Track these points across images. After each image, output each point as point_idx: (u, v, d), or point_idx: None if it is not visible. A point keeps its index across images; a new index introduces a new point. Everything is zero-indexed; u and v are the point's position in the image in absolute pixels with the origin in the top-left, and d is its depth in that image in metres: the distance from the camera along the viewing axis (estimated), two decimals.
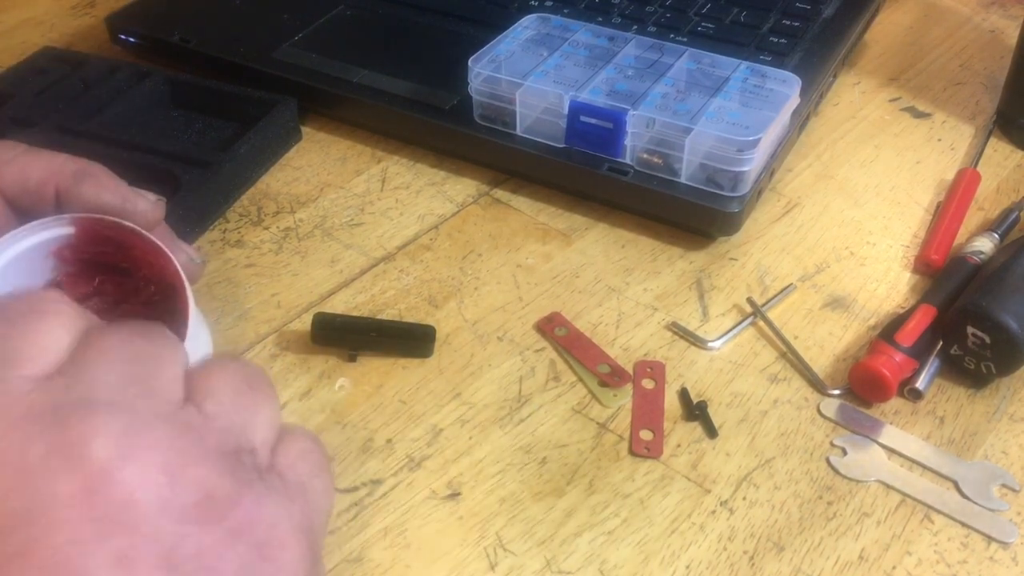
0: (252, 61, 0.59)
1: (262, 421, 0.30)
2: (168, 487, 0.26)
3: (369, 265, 0.50)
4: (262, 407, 0.30)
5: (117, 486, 0.25)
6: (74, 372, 0.27)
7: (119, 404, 0.26)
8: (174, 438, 0.27)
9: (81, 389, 0.27)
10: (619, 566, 0.37)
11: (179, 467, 0.26)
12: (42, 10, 0.72)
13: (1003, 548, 0.38)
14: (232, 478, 0.27)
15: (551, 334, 0.46)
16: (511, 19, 0.58)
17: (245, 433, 0.29)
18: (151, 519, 0.25)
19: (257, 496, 0.27)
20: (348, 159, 0.57)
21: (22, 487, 0.25)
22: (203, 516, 0.26)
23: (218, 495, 0.26)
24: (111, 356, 0.28)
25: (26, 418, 0.26)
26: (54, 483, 0.25)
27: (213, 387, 0.29)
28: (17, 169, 0.37)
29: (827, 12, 0.63)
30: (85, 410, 0.26)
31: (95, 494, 0.25)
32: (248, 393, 0.30)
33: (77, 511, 0.24)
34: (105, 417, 0.26)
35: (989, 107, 0.61)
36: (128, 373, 0.28)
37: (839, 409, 0.43)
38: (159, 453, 0.26)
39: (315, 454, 0.31)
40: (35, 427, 0.26)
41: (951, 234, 0.51)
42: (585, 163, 0.51)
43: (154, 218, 0.39)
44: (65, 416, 0.26)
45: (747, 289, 0.49)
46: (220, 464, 0.27)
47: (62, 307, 0.29)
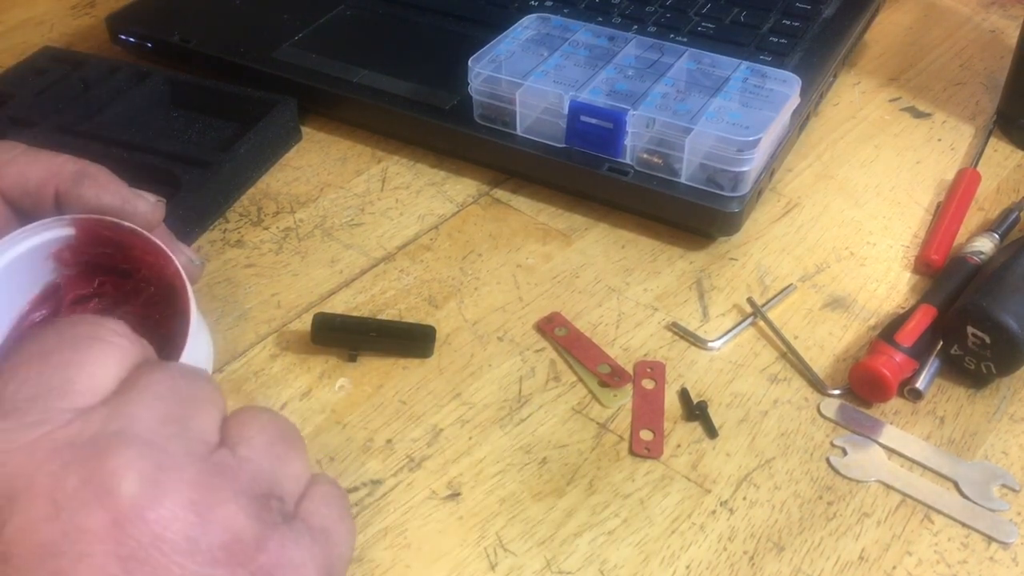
0: (252, 61, 0.59)
1: (291, 472, 0.30)
2: (197, 527, 0.26)
3: (369, 265, 0.50)
4: (293, 460, 0.30)
5: (146, 523, 0.25)
6: (116, 406, 0.27)
7: (154, 442, 0.27)
8: (205, 478, 0.27)
9: (120, 424, 0.27)
10: (619, 566, 0.37)
11: (208, 507, 0.26)
12: (42, 10, 0.72)
13: (1003, 548, 0.38)
14: (259, 521, 0.27)
15: (551, 334, 0.46)
16: (511, 19, 0.58)
17: (275, 480, 0.29)
18: (178, 558, 0.25)
19: (282, 539, 0.27)
20: (348, 159, 0.57)
21: (54, 518, 0.25)
22: (230, 558, 0.26)
23: (245, 537, 0.26)
24: (153, 393, 0.28)
25: (63, 450, 0.26)
26: (85, 517, 0.25)
27: (248, 435, 0.30)
28: (17, 170, 0.37)
29: (827, 12, 0.63)
30: (120, 445, 0.26)
31: (124, 530, 0.25)
32: (281, 444, 0.30)
33: (105, 546, 0.25)
34: (139, 452, 0.26)
35: (989, 107, 0.61)
36: (167, 412, 0.28)
37: (839, 409, 0.43)
38: (189, 492, 0.26)
39: (338, 499, 0.31)
40: (70, 459, 0.26)
41: (951, 234, 0.51)
42: (585, 163, 0.51)
43: (154, 219, 0.39)
44: (100, 449, 0.26)
45: (747, 289, 0.49)
46: (249, 507, 0.27)
47: (121, 340, 0.30)
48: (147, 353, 0.31)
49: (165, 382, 0.29)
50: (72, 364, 0.28)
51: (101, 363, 0.29)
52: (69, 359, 0.28)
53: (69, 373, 0.28)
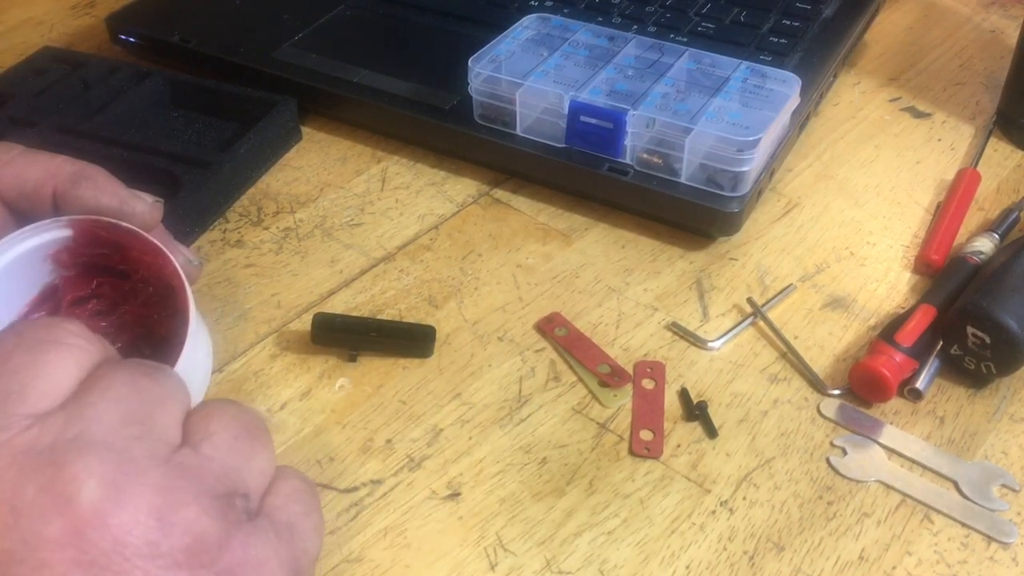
0: (252, 61, 0.59)
1: (256, 467, 0.30)
2: (158, 530, 0.26)
3: (369, 265, 0.50)
4: (258, 454, 0.30)
5: (106, 529, 0.25)
6: (75, 409, 0.27)
7: (114, 445, 0.27)
8: (167, 481, 0.27)
9: (78, 428, 0.27)
10: (619, 566, 0.37)
11: (169, 510, 0.26)
12: (42, 10, 0.72)
13: (1003, 548, 0.38)
14: (223, 521, 0.27)
15: (551, 334, 0.46)
16: (511, 19, 0.58)
17: (239, 477, 0.29)
18: (140, 563, 0.25)
19: (246, 538, 0.27)
20: (348, 159, 0.57)
21: (12, 527, 0.25)
22: (192, 560, 0.26)
23: (208, 539, 0.26)
24: (114, 395, 0.28)
25: (23, 456, 0.26)
26: (44, 524, 0.25)
27: (211, 431, 0.29)
28: (14, 172, 0.37)
29: (827, 12, 0.63)
30: (79, 450, 0.26)
31: (84, 537, 0.25)
32: (245, 439, 0.30)
33: (65, 553, 0.25)
34: (98, 458, 0.26)
35: (989, 107, 0.61)
36: (128, 413, 0.28)
37: (839, 409, 0.43)
38: (150, 496, 0.26)
39: (305, 494, 0.31)
40: (29, 466, 0.26)
41: (951, 234, 0.51)
42: (585, 163, 0.51)
43: (152, 219, 0.39)
44: (59, 455, 0.26)
45: (747, 289, 0.49)
46: (211, 507, 0.27)
47: (79, 340, 0.29)
48: (107, 352, 0.30)
49: (125, 382, 0.29)
50: (29, 368, 0.28)
51: (59, 366, 0.28)
52: (26, 362, 0.28)
53: (26, 378, 0.28)
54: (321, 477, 0.40)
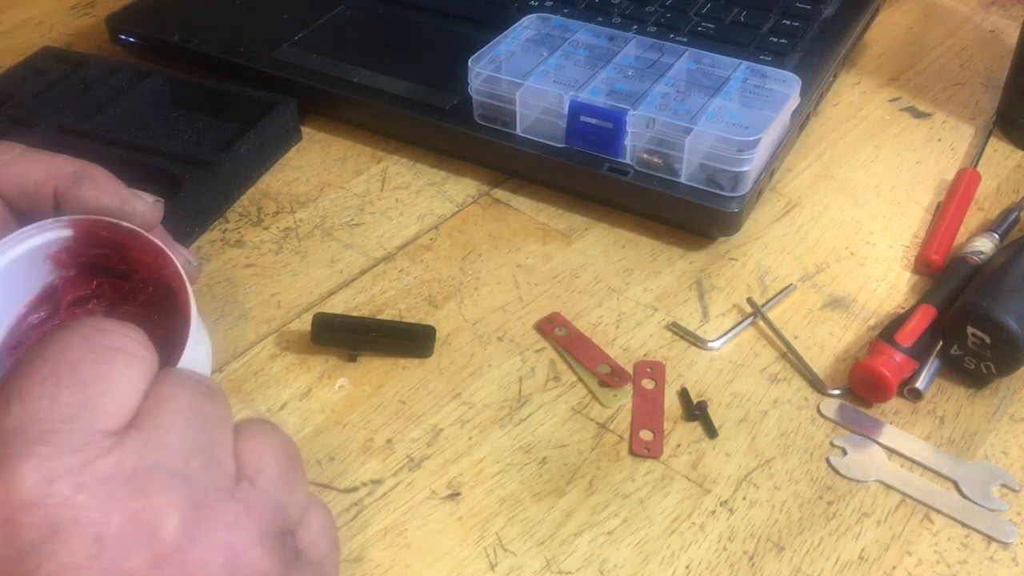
0: (252, 61, 0.59)
1: (298, 501, 0.30)
2: (228, 570, 0.26)
3: (369, 265, 0.50)
4: (299, 488, 0.30)
5: (183, 565, 0.25)
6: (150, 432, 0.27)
7: (188, 476, 0.27)
8: (234, 518, 0.27)
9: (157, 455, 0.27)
10: (619, 566, 0.37)
11: (241, 549, 0.27)
12: (42, 10, 0.72)
13: (1003, 548, 0.38)
14: (281, 563, 0.27)
15: (551, 334, 0.46)
16: (511, 19, 0.58)
17: (288, 514, 0.29)
18: None
19: None
20: (348, 159, 0.57)
21: (96, 557, 0.25)
22: None
23: None
24: (184, 420, 0.28)
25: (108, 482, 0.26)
26: (127, 556, 0.25)
27: (264, 463, 0.29)
28: (15, 172, 0.37)
29: (827, 12, 0.63)
30: (161, 482, 0.26)
31: (161, 571, 0.25)
32: (291, 471, 0.30)
33: None
34: (180, 491, 0.26)
35: (989, 107, 0.61)
36: (195, 442, 0.28)
37: (839, 409, 0.43)
38: (224, 533, 0.26)
39: (331, 530, 0.32)
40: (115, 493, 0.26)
41: (951, 234, 0.51)
42: (585, 163, 0.51)
43: (152, 219, 0.39)
44: (143, 485, 0.26)
45: (747, 289, 0.49)
46: (272, 548, 0.27)
47: (142, 350, 0.29)
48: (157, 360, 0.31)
49: (191, 405, 0.29)
50: (100, 380, 0.28)
51: (127, 378, 0.28)
52: (97, 374, 0.28)
53: (98, 391, 0.28)
54: (321, 477, 0.40)
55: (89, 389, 0.27)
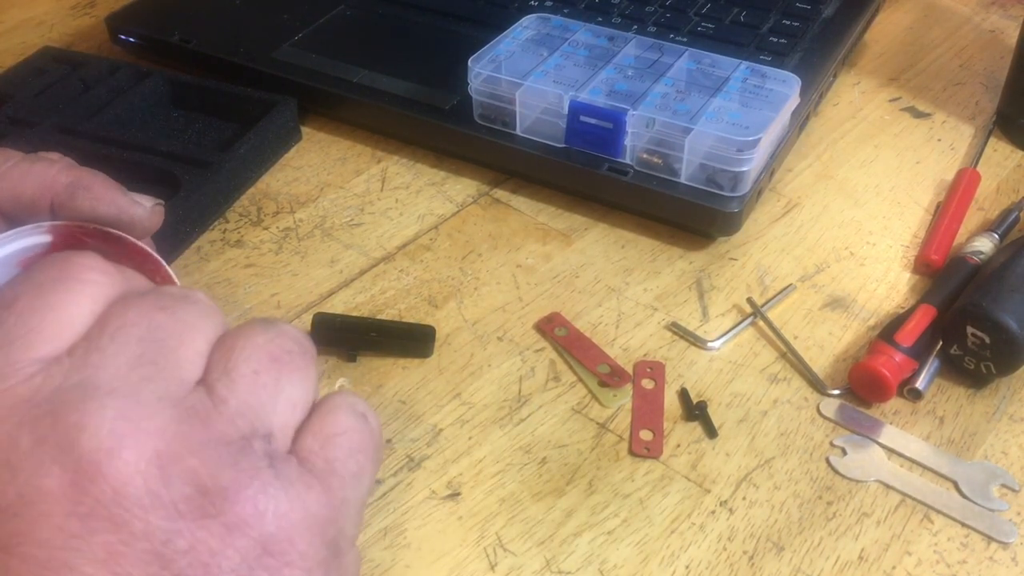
0: (252, 61, 0.59)
1: (284, 401, 0.28)
2: (159, 480, 0.25)
3: (369, 265, 0.50)
4: (287, 385, 0.28)
5: (105, 480, 0.24)
6: (83, 352, 0.26)
7: (120, 390, 0.26)
8: (173, 426, 0.26)
9: (85, 373, 0.26)
10: (619, 566, 0.37)
11: (173, 458, 0.25)
12: (42, 10, 0.72)
13: (1003, 548, 0.38)
14: (233, 469, 0.26)
15: (551, 334, 0.46)
16: (511, 19, 0.58)
17: (259, 417, 0.27)
18: (140, 513, 0.24)
19: (262, 486, 0.26)
20: (348, 159, 0.57)
21: (10, 479, 0.24)
22: (195, 511, 0.25)
23: (213, 488, 0.25)
24: (125, 335, 0.27)
25: (22, 406, 0.25)
26: (42, 476, 0.24)
27: (232, 365, 0.27)
28: (10, 185, 0.36)
29: (827, 12, 0.63)
30: (80, 399, 0.25)
31: (83, 488, 0.24)
32: (270, 371, 0.28)
33: (63, 505, 0.24)
34: (99, 404, 0.25)
35: (989, 107, 0.61)
36: (140, 353, 0.27)
37: (839, 409, 0.43)
38: (153, 443, 0.25)
39: (353, 435, 0.29)
40: (29, 415, 0.25)
41: (951, 234, 0.51)
42: (585, 163, 0.51)
43: (152, 224, 0.38)
44: (59, 405, 0.25)
45: (747, 289, 0.49)
46: (220, 454, 0.26)
47: (94, 275, 0.28)
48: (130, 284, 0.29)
49: (141, 318, 0.27)
50: (37, 311, 0.27)
51: (71, 304, 0.27)
52: (35, 304, 0.27)
53: (34, 320, 0.27)
54: None
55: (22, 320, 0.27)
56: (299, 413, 0.28)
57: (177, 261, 0.50)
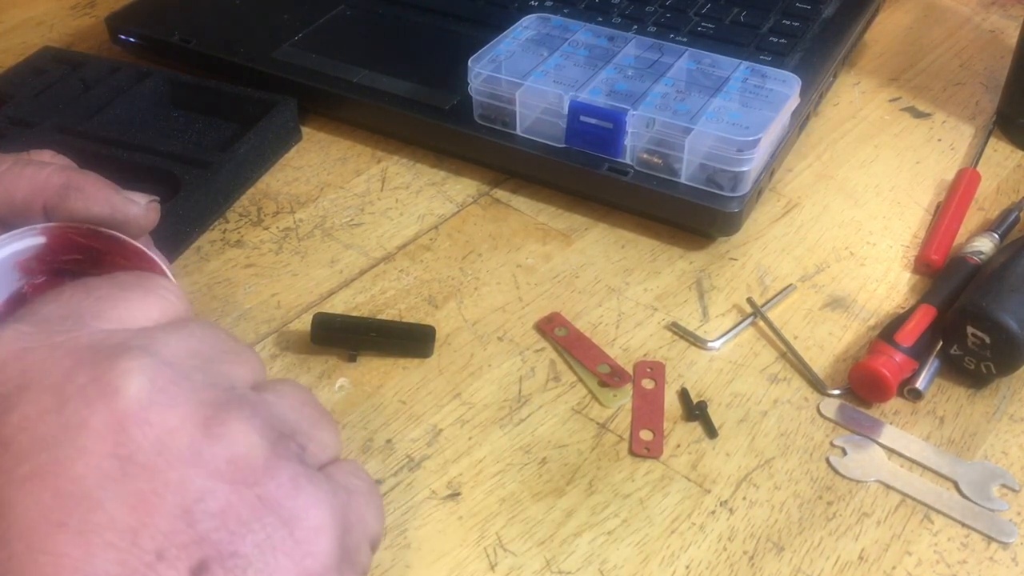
0: (252, 61, 0.59)
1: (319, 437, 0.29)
2: (202, 438, 0.25)
3: (369, 265, 0.50)
4: (323, 427, 0.30)
5: (149, 427, 0.25)
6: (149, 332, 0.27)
7: (174, 364, 0.26)
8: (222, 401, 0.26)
9: (147, 341, 0.27)
10: (619, 566, 0.37)
11: (219, 423, 0.26)
12: (42, 10, 0.72)
13: (1003, 548, 0.38)
14: (273, 450, 0.26)
15: (551, 334, 0.46)
16: (511, 19, 0.58)
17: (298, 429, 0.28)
18: (179, 466, 0.25)
19: (296, 476, 0.26)
20: (348, 159, 0.57)
21: (57, 410, 0.25)
22: (236, 474, 0.25)
23: (253, 458, 0.26)
24: (187, 333, 0.28)
25: (84, 350, 0.26)
26: (88, 412, 0.25)
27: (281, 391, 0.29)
28: (1, 189, 0.36)
29: (827, 12, 0.63)
30: (138, 353, 0.26)
31: (126, 431, 0.25)
32: (313, 409, 0.30)
33: (104, 444, 0.24)
34: (154, 363, 0.26)
35: (989, 107, 0.61)
36: (196, 349, 0.27)
37: (839, 409, 0.43)
38: (201, 409, 0.26)
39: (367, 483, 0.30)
40: (90, 358, 0.26)
41: (951, 234, 0.51)
42: (585, 163, 0.51)
43: (148, 222, 0.38)
44: (121, 352, 0.26)
45: (747, 289, 0.49)
46: (263, 431, 0.26)
47: (168, 294, 0.30)
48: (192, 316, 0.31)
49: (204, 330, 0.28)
50: (112, 299, 0.28)
51: (141, 304, 0.29)
52: (111, 294, 0.28)
53: (105, 305, 0.28)
54: None
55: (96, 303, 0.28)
56: (327, 455, 0.30)
57: (177, 261, 0.50)
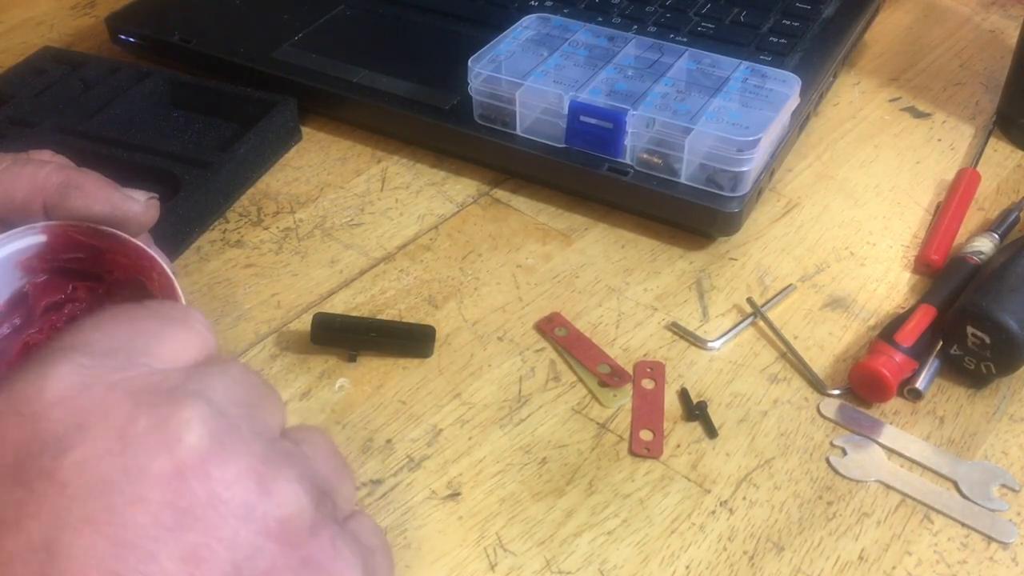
0: (252, 61, 0.59)
1: (344, 490, 0.30)
2: (256, 494, 0.25)
3: (369, 265, 0.50)
4: (346, 479, 0.30)
5: (209, 479, 0.25)
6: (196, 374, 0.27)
7: (226, 412, 0.27)
8: (271, 456, 0.26)
9: (198, 386, 0.27)
10: (619, 566, 0.37)
11: (272, 480, 0.26)
12: (42, 10, 0.72)
13: (1003, 548, 0.38)
14: (316, 511, 0.27)
15: (551, 334, 0.46)
16: (511, 19, 0.58)
17: (331, 486, 0.29)
18: (232, 522, 0.25)
19: (334, 536, 0.27)
20: (348, 159, 0.57)
21: (118, 453, 0.25)
22: (283, 535, 0.26)
23: (302, 519, 0.26)
24: (231, 377, 0.28)
25: (143, 392, 0.26)
26: (149, 459, 0.25)
27: (309, 440, 0.29)
28: (1, 188, 0.36)
29: (827, 12, 0.63)
30: (196, 401, 0.26)
31: (184, 481, 0.25)
32: (337, 460, 0.30)
33: (163, 494, 0.24)
34: (212, 413, 0.26)
35: (989, 107, 0.61)
36: (240, 397, 0.28)
37: (839, 409, 0.43)
38: (254, 462, 0.26)
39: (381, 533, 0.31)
40: (145, 401, 0.26)
41: (951, 234, 0.51)
42: (585, 163, 0.51)
43: (147, 220, 0.38)
44: (177, 399, 0.26)
45: (747, 289, 0.49)
46: (310, 492, 0.27)
47: (203, 329, 0.30)
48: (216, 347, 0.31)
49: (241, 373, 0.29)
50: (157, 334, 0.28)
51: (183, 341, 0.29)
52: (155, 329, 0.28)
53: (152, 341, 0.28)
54: None
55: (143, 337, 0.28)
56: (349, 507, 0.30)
57: (177, 261, 0.50)
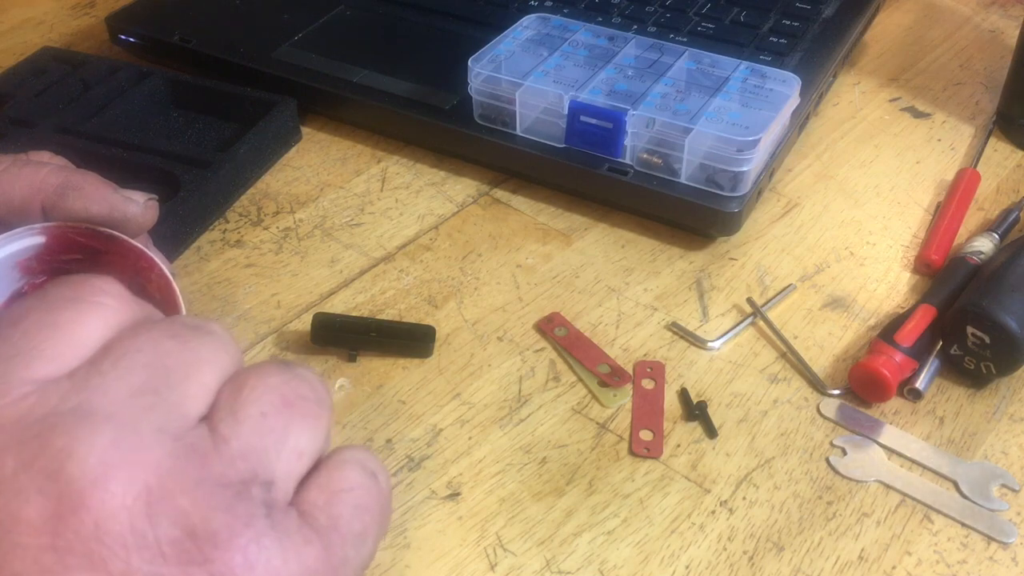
0: (252, 61, 0.59)
1: (291, 449, 0.26)
2: (145, 518, 0.23)
3: (369, 265, 0.50)
4: (295, 432, 0.26)
5: (88, 511, 0.23)
6: (84, 375, 0.25)
7: (117, 416, 0.24)
8: (168, 461, 0.24)
9: (82, 397, 0.24)
10: (619, 566, 0.37)
11: (163, 495, 0.23)
12: (42, 10, 0.72)
13: (1003, 548, 0.38)
14: (227, 514, 0.24)
15: (551, 334, 0.46)
16: (511, 19, 0.58)
17: (261, 463, 0.25)
18: (121, 553, 0.23)
19: (255, 536, 0.24)
20: (348, 159, 0.57)
21: None
22: (181, 556, 0.23)
23: (202, 533, 0.23)
24: (131, 360, 0.25)
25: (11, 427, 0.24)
26: (20, 505, 0.23)
27: (239, 404, 0.26)
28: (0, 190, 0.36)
29: (827, 12, 0.63)
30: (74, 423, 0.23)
31: (63, 520, 0.23)
32: (280, 414, 0.26)
33: (41, 537, 0.22)
34: (92, 430, 0.23)
35: (989, 107, 0.61)
36: (143, 382, 0.25)
37: (839, 409, 0.43)
38: (144, 476, 0.23)
39: (361, 492, 0.27)
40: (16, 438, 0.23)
41: (951, 234, 0.51)
42: (585, 163, 0.51)
43: (146, 221, 0.37)
44: (51, 427, 0.23)
45: (747, 289, 0.49)
46: (214, 496, 0.24)
47: (107, 298, 0.27)
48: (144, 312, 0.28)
49: (150, 345, 0.26)
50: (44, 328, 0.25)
51: (79, 324, 0.26)
52: (42, 322, 0.26)
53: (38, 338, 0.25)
54: None
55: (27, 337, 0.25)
56: (305, 463, 0.27)
57: (177, 261, 0.50)
